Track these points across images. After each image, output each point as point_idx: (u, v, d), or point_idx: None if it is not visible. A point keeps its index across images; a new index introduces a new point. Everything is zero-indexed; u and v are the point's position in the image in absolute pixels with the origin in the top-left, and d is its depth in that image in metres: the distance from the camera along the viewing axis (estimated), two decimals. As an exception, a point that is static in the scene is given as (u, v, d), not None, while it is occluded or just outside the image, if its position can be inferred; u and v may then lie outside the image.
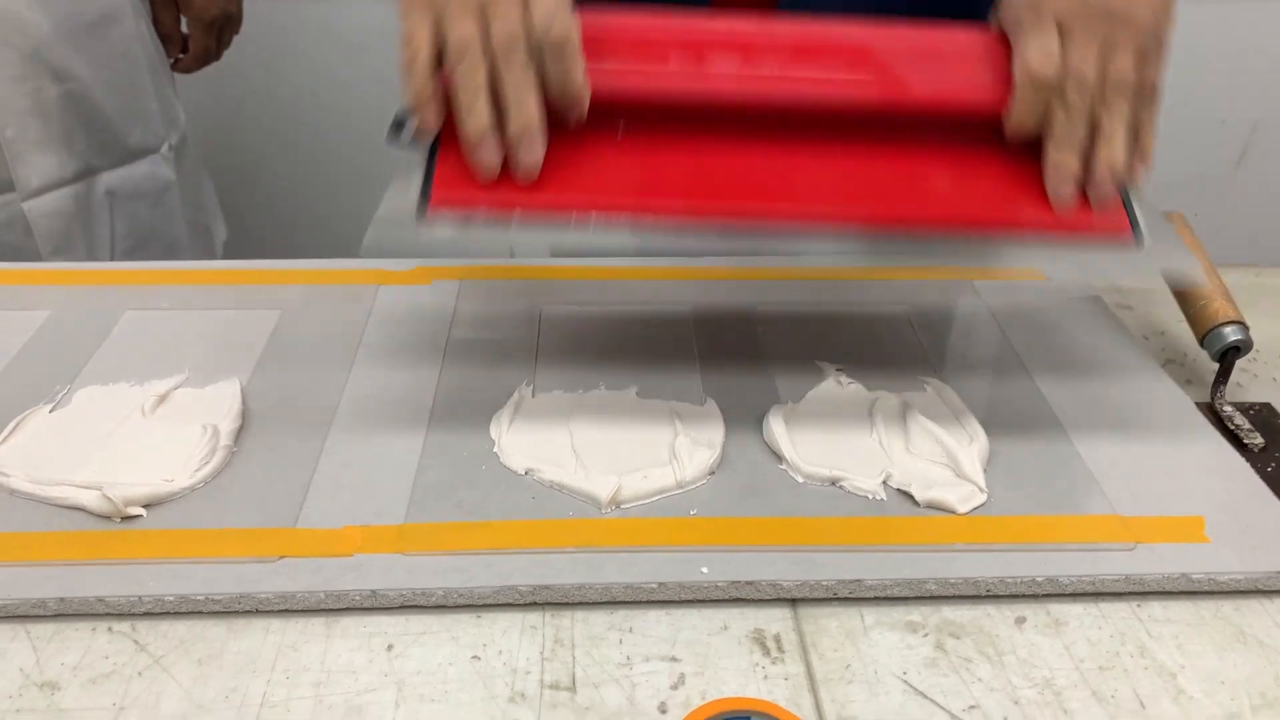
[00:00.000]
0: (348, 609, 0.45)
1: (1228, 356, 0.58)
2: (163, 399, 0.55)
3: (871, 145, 0.52)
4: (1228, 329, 0.57)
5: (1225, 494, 0.52)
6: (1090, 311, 0.68)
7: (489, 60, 0.47)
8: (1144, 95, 0.50)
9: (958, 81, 0.52)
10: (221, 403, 0.55)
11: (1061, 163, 0.50)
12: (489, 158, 0.49)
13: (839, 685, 0.43)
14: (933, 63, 0.52)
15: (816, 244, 0.52)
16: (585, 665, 0.43)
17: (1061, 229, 0.51)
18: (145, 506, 0.49)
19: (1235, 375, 0.62)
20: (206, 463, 0.51)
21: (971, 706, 0.42)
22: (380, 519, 0.49)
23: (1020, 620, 0.46)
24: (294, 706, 0.41)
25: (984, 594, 0.47)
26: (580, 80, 0.49)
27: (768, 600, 0.46)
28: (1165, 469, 0.53)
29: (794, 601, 0.47)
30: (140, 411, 0.54)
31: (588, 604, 0.46)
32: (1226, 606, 0.47)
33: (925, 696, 0.42)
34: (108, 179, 0.98)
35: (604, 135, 0.51)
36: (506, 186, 0.49)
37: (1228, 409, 0.58)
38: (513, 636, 0.44)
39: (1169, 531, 0.49)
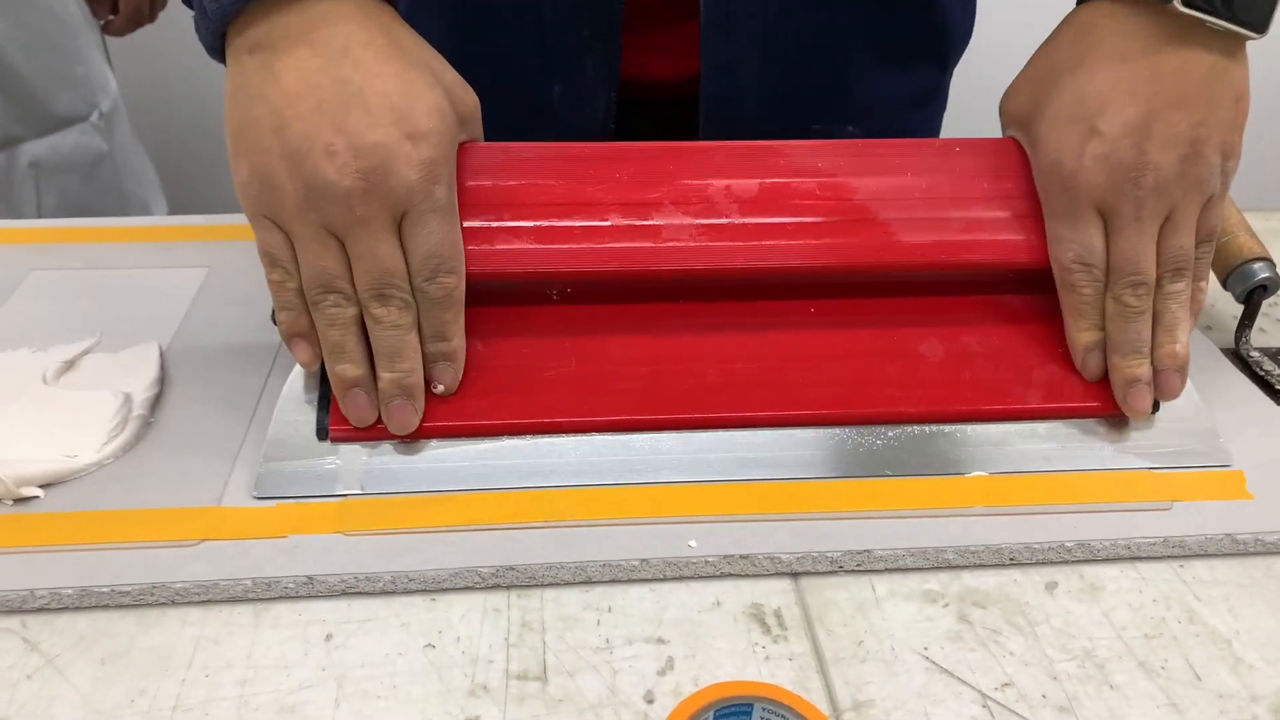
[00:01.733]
0: (279, 597, 0.39)
1: (1254, 296, 0.53)
2: (69, 365, 0.48)
3: (862, 315, 0.46)
4: (1256, 265, 0.52)
5: (1265, 446, 0.47)
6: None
7: (357, 300, 0.41)
8: (1203, 254, 0.45)
9: (979, 238, 0.45)
10: (137, 368, 0.48)
11: (1126, 370, 0.44)
12: (362, 413, 0.42)
13: (852, 665, 0.37)
14: (939, 208, 0.45)
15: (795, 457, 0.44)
16: (558, 651, 0.37)
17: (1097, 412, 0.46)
18: (43, 486, 0.42)
19: (1257, 320, 0.57)
20: (117, 435, 0.44)
21: (1005, 685, 0.36)
22: (318, 495, 0.43)
23: (1051, 585, 0.40)
24: (213, 709, 0.35)
25: (1008, 561, 0.41)
26: (458, 340, 0.42)
27: (765, 573, 0.41)
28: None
29: (794, 574, 0.41)
30: (42, 379, 0.47)
31: (560, 583, 0.40)
32: (1279, 565, 0.42)
33: (951, 674, 0.37)
34: (31, 149, 0.91)
35: (533, 309, 0.45)
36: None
37: (1255, 354, 0.53)
38: (472, 621, 0.38)
39: (1208, 488, 0.44)
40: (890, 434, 0.44)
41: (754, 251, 0.44)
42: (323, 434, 0.43)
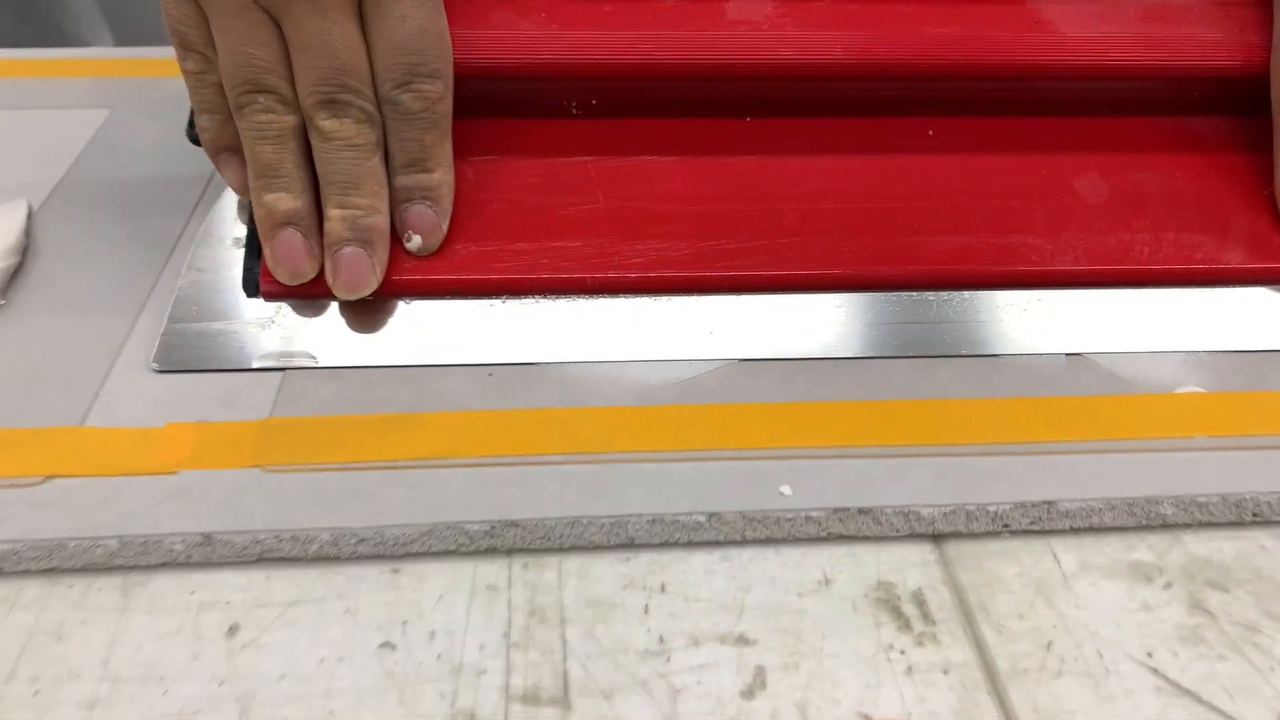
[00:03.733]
0: (162, 565, 0.26)
1: None
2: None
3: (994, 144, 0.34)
4: None
5: None
6: None
7: (299, 107, 0.30)
8: None
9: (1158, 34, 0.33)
10: (-13, 234, 0.34)
11: None
12: (297, 263, 0.30)
13: (1042, 681, 0.24)
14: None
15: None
16: (585, 656, 0.24)
17: None
18: None
19: None
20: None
21: (1293, 720, 0.23)
22: (228, 411, 0.29)
23: (1326, 559, 0.27)
24: (35, 753, 0.22)
25: (1251, 518, 0.28)
26: (441, 172, 0.31)
27: (896, 535, 0.27)
28: None
29: (937, 536, 0.27)
30: None
31: (584, 548, 0.27)
32: None
33: (1199, 699, 0.24)
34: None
35: (546, 125, 0.33)
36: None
37: None
38: (456, 606, 0.25)
39: None
40: (1037, 299, 0.32)
41: (854, 42, 0.32)
42: (251, 287, 0.31)
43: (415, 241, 0.31)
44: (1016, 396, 0.30)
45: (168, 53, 0.46)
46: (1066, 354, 0.32)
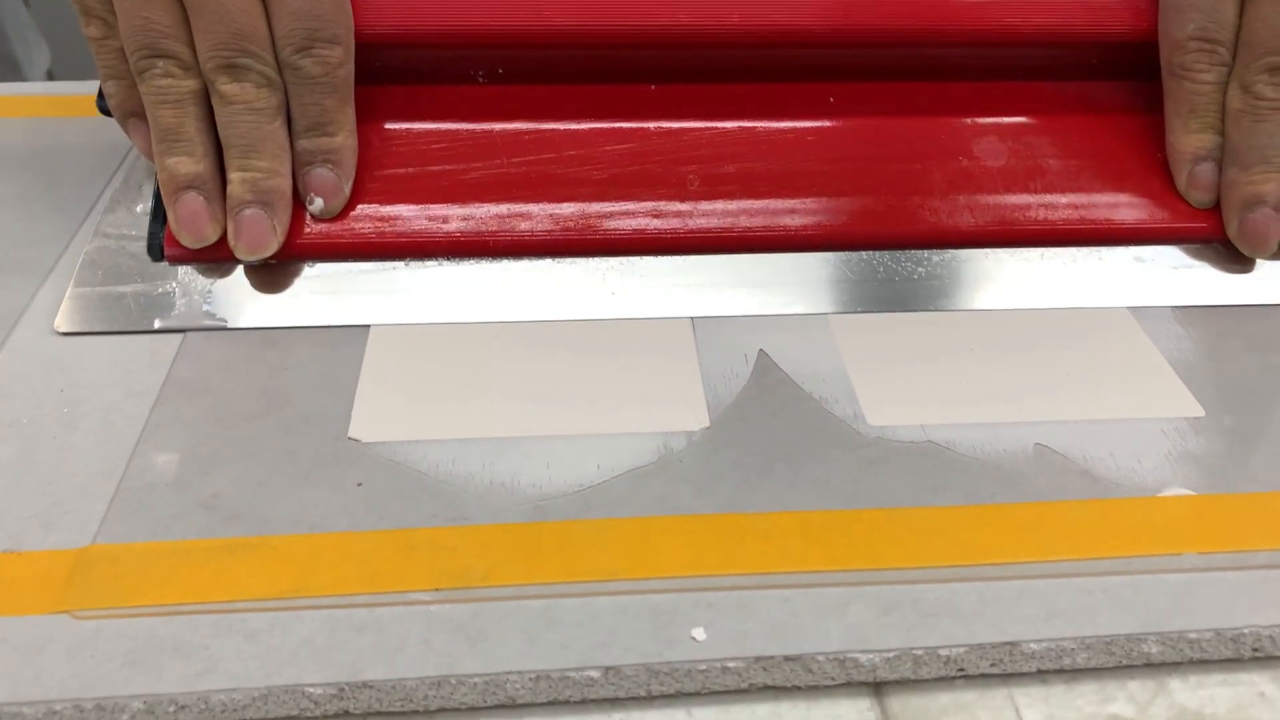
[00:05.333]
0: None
1: None
2: None
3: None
4: None
5: None
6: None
7: (200, 72, 0.30)
8: None
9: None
10: None
11: (1247, 187, 0.33)
12: (199, 225, 0.30)
13: None
14: None
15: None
16: None
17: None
18: None
19: None
20: None
21: None
22: (45, 531, 0.24)
23: (1338, 710, 0.23)
24: None
25: (1251, 654, 0.24)
26: (344, 136, 0.31)
27: (830, 685, 0.23)
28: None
29: (879, 685, 0.23)
30: None
31: (455, 710, 0.22)
32: None
33: None
34: None
35: (451, 91, 0.34)
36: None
37: None
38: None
39: None
40: (935, 259, 0.33)
41: (754, 7, 0.33)
42: (156, 251, 0.32)
43: (317, 204, 0.31)
44: (972, 504, 0.26)
45: (59, 89, 0.43)
46: (1035, 444, 0.28)
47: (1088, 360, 0.31)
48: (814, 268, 0.33)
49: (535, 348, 0.30)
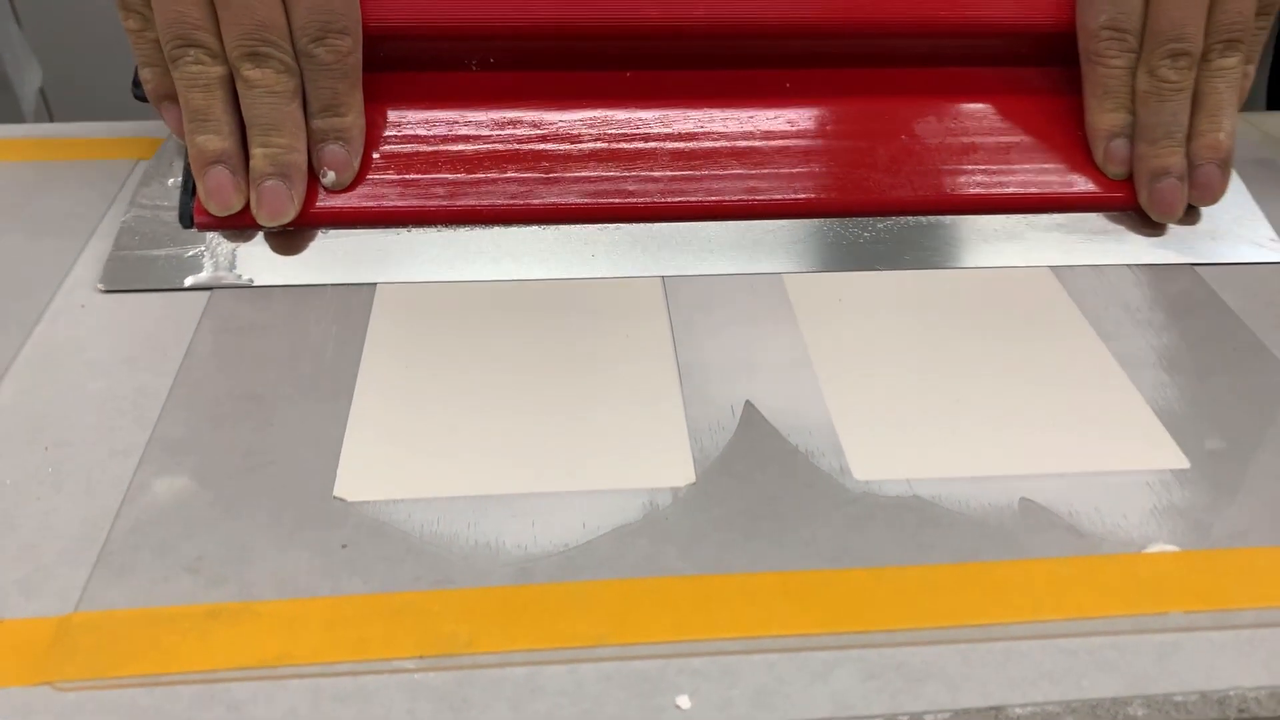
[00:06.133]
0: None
1: None
2: None
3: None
4: None
5: None
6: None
7: (226, 59, 0.34)
8: (1261, 26, 0.37)
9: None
10: None
11: (1154, 160, 0.37)
12: (225, 196, 0.35)
13: None
14: None
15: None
16: None
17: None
18: None
19: None
20: None
21: None
22: (24, 597, 0.24)
23: (1324, 774, 0.23)
24: None
25: (1237, 715, 0.24)
26: (353, 116, 0.35)
27: (813, 753, 0.23)
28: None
29: (865, 750, 0.23)
30: None
31: (439, 781, 0.22)
32: None
33: None
34: None
35: (449, 77, 0.38)
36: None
37: None
38: None
39: None
40: (880, 225, 0.38)
41: (717, 2, 0.37)
42: (186, 220, 0.36)
43: (330, 177, 0.35)
44: (957, 562, 0.26)
45: (52, 131, 0.45)
46: (1020, 498, 0.28)
47: (1072, 408, 0.31)
48: (774, 232, 0.37)
49: (522, 399, 0.30)
